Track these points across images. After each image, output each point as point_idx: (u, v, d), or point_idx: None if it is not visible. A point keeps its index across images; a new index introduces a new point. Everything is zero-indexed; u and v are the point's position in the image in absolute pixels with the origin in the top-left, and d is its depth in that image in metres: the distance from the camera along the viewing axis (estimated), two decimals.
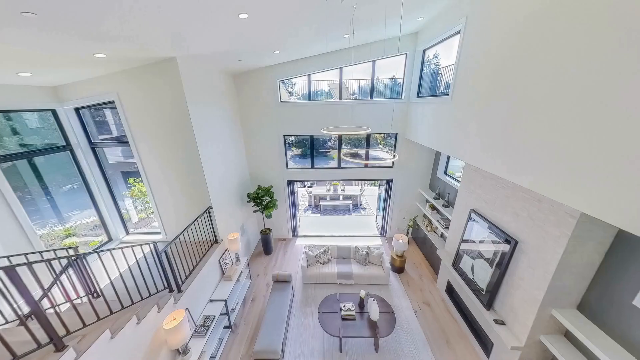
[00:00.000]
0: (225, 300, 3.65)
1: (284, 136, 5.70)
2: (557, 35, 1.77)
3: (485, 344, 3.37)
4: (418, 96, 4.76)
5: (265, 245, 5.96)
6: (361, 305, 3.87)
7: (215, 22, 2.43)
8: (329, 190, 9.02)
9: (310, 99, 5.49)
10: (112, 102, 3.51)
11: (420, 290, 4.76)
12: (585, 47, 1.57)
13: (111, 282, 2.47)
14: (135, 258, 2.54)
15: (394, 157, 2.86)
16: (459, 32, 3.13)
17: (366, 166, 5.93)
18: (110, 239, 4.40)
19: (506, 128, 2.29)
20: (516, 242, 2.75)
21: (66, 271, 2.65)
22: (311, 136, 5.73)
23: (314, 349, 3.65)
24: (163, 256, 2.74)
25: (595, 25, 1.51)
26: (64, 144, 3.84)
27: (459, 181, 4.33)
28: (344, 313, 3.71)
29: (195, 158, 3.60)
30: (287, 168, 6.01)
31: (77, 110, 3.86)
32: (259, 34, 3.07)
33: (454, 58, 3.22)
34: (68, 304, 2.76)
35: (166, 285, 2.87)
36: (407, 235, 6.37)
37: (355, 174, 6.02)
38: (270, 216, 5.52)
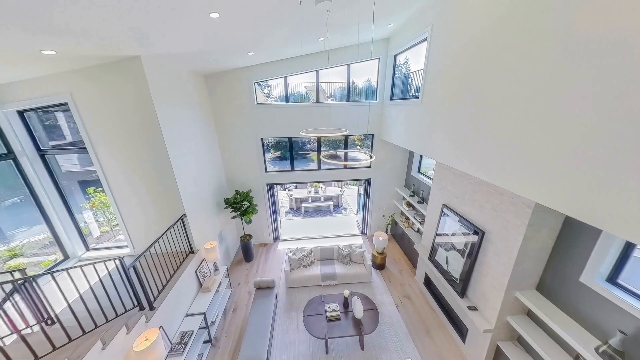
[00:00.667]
0: (204, 313, 3.45)
1: (262, 139, 5.59)
2: (509, 46, 1.98)
3: (461, 330, 3.60)
4: (391, 99, 4.98)
5: (246, 252, 5.77)
6: (345, 304, 3.92)
7: (184, 21, 2.31)
8: (310, 192, 9.02)
9: (287, 101, 5.46)
10: (65, 103, 3.16)
11: (401, 285, 4.95)
12: (532, 57, 1.78)
13: (69, 306, 2.20)
14: (98, 276, 2.30)
15: (371, 157, 2.96)
16: (426, 39, 3.34)
17: (345, 167, 6.04)
18: (66, 257, 3.92)
19: (470, 128, 2.49)
20: (483, 233, 3.00)
21: (11, 298, 2.30)
22: (290, 138, 5.70)
23: (300, 354, 3.60)
24: (131, 272, 2.52)
25: (541, 38, 1.71)
26: (5, 151, 3.35)
27: (431, 179, 4.60)
28: (329, 314, 3.71)
29: (165, 163, 3.38)
30: (266, 171, 5.90)
31: (20, 113, 3.41)
32: (231, 35, 2.99)
33: (423, 63, 3.44)
34: (15, 336, 2.40)
35: (136, 303, 2.64)
36: (386, 233, 6.59)
37: (335, 175, 6.10)
38: (249, 222, 5.36)
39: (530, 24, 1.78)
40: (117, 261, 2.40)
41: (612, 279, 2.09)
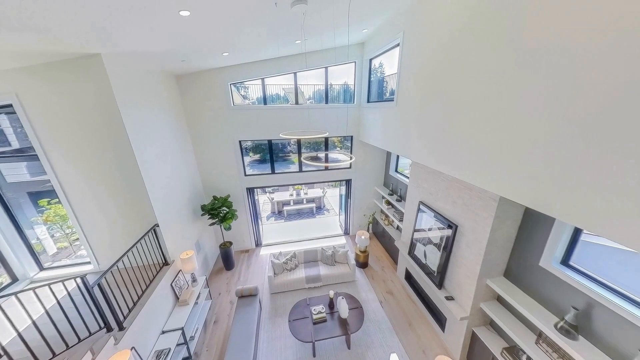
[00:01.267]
0: (182, 328, 3.24)
1: (240, 142, 5.43)
2: (471, 53, 2.15)
3: (440, 319, 3.80)
4: (368, 102, 5.14)
5: (226, 259, 5.53)
6: (331, 305, 3.93)
7: (151, 18, 2.18)
8: (291, 195, 8.93)
9: (265, 103, 5.38)
10: (10, 105, 2.79)
11: (384, 281, 5.10)
12: (491, 64, 1.95)
13: (19, 335, 1.93)
14: (56, 298, 2.05)
15: (351, 158, 3.02)
16: (398, 44, 3.51)
17: (326, 168, 6.09)
18: (14, 280, 3.44)
19: (441, 129, 2.66)
20: (456, 227, 3.20)
21: None
22: (269, 141, 5.61)
23: None
24: (96, 290, 2.29)
25: (498, 46, 1.88)
26: None
27: (408, 177, 4.82)
28: (314, 317, 3.69)
29: (132, 169, 3.13)
30: (246, 175, 5.74)
31: None
32: (204, 34, 2.88)
33: (396, 68, 3.60)
34: None
35: (103, 324, 2.40)
36: (368, 231, 6.75)
37: (317, 176, 6.12)
38: (229, 228, 5.16)
39: (488, 34, 1.95)
40: (79, 280, 2.16)
41: (565, 261, 2.35)
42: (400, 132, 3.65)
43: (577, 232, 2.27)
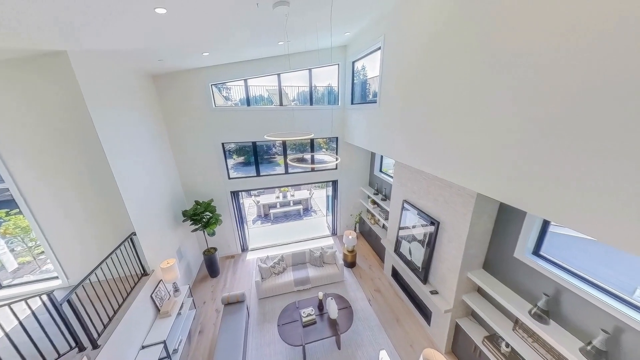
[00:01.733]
0: (164, 342, 3.07)
1: (223, 144, 5.28)
2: (447, 58, 2.26)
3: (426, 313, 3.92)
4: (352, 103, 5.22)
5: (210, 266, 5.34)
6: (320, 307, 3.92)
7: (123, 14, 2.06)
8: (278, 197, 8.83)
9: (249, 104, 5.28)
10: None
11: (371, 280, 5.18)
12: (465, 67, 2.06)
13: None
14: (17, 319, 1.86)
15: (337, 159, 3.04)
16: (379, 48, 3.61)
17: (313, 170, 6.09)
18: None
19: (422, 130, 2.76)
20: (438, 223, 3.33)
21: None
22: (254, 143, 5.51)
23: None
24: (65, 307, 2.10)
25: (470, 51, 2.00)
26: None
27: (392, 177, 4.95)
28: (304, 319, 3.66)
29: (106, 175, 2.94)
30: (229, 178, 5.59)
31: None
32: (182, 34, 2.77)
33: (378, 70, 3.69)
34: None
35: (74, 344, 2.21)
36: (355, 231, 6.84)
37: (303, 178, 6.10)
38: (213, 234, 4.99)
39: (462, 40, 2.07)
40: (45, 297, 1.98)
41: (536, 251, 2.53)
42: (384, 133, 3.74)
43: (545, 224, 2.45)
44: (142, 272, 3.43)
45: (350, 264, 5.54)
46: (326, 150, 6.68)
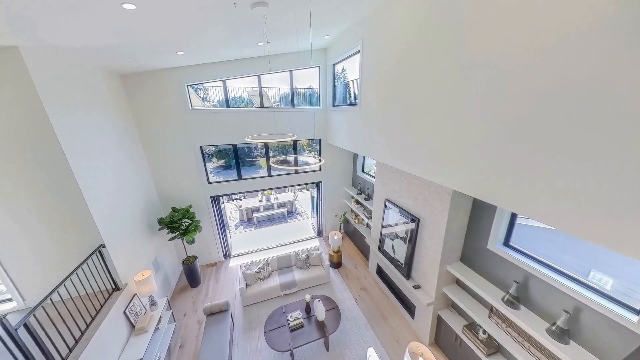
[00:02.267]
0: None
1: (201, 147, 5.07)
2: (422, 62, 2.37)
3: (410, 308, 4.06)
4: (333, 105, 5.28)
5: (191, 276, 5.08)
6: (308, 310, 3.89)
7: (87, 9, 1.91)
8: (261, 201, 8.64)
9: (228, 105, 5.13)
10: None
11: (357, 279, 5.25)
12: (439, 72, 2.18)
13: None
14: None
15: (320, 161, 3.05)
16: (358, 51, 3.69)
17: (296, 172, 6.05)
18: None
19: (400, 131, 2.87)
20: (419, 220, 3.47)
21: None
22: (234, 145, 5.35)
23: None
24: (22, 332, 1.88)
25: (443, 56, 2.12)
26: None
27: (374, 177, 5.07)
28: (291, 323, 3.61)
29: (68, 182, 2.68)
30: (209, 182, 5.37)
31: None
32: (153, 31, 2.63)
33: (358, 73, 3.78)
34: None
35: None
36: (340, 231, 6.90)
37: (287, 180, 6.04)
38: (192, 241, 4.74)
39: (434, 46, 2.19)
40: None
41: (506, 242, 2.73)
42: (365, 135, 3.83)
43: (513, 217, 2.66)
44: (114, 286, 3.17)
45: (337, 265, 5.57)
46: (309, 151, 6.68)
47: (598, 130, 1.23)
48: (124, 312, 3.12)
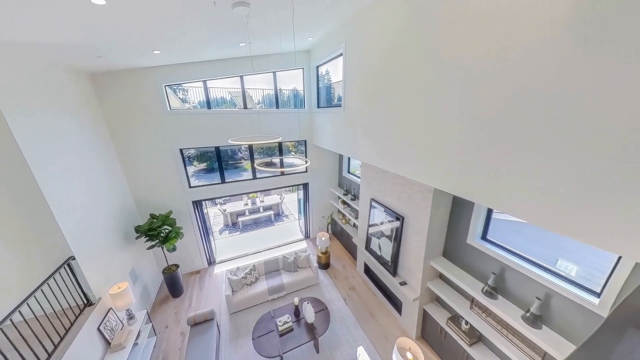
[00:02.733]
0: None
1: (181, 150, 4.86)
2: (402, 65, 2.46)
3: (397, 304, 4.15)
4: (318, 107, 5.31)
5: (172, 285, 4.83)
6: (297, 313, 3.85)
7: (50, 3, 1.76)
8: (246, 204, 8.44)
9: (209, 107, 4.98)
10: None
11: (345, 279, 5.29)
12: (418, 74, 2.27)
13: None
14: None
15: (306, 162, 3.05)
16: (341, 54, 3.75)
17: (282, 174, 5.99)
18: None
19: (383, 132, 2.94)
20: (403, 218, 3.58)
21: None
22: (217, 148, 5.19)
23: None
24: None
25: (421, 60, 2.20)
26: None
27: (359, 177, 5.15)
28: (280, 328, 3.55)
29: (30, 190, 2.45)
30: (190, 187, 5.16)
31: None
32: (126, 29, 2.49)
33: (342, 75, 3.83)
34: None
35: None
36: (327, 232, 6.92)
37: (273, 182, 5.96)
38: (173, 249, 4.52)
39: (412, 51, 2.27)
40: None
41: (484, 236, 2.89)
42: (350, 136, 3.89)
43: (489, 212, 2.82)
44: (86, 302, 2.93)
45: (325, 266, 5.58)
46: (295, 153, 6.65)
47: (558, 130, 1.35)
48: (98, 329, 2.90)
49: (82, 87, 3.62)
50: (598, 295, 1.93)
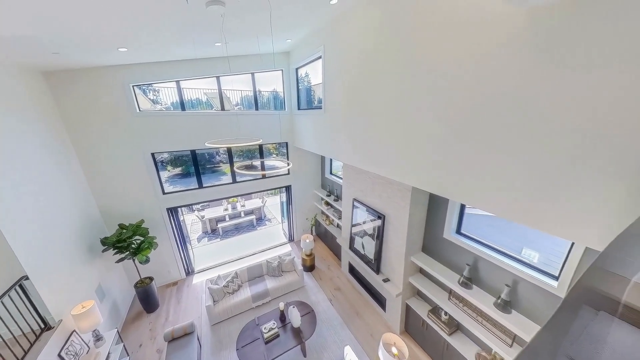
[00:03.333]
0: None
1: (153, 154, 4.56)
2: (379, 69, 2.55)
3: (381, 301, 4.26)
4: (299, 109, 5.30)
5: (146, 300, 4.49)
6: (282, 318, 3.78)
7: None
8: (226, 210, 8.14)
9: (183, 108, 4.74)
10: None
11: (331, 279, 5.30)
12: (394, 78, 2.37)
13: None
14: None
15: (288, 164, 3.02)
16: (320, 57, 3.78)
17: (264, 177, 5.87)
18: None
19: (363, 133, 3.02)
20: (384, 216, 3.69)
21: None
22: (193, 151, 4.95)
23: None
24: None
25: (398, 64, 2.30)
26: None
27: (341, 178, 5.22)
28: (266, 335, 3.46)
29: None
30: (164, 193, 4.86)
31: None
32: (86, 23, 2.29)
33: (321, 78, 3.86)
34: None
35: None
36: (312, 234, 6.90)
37: (254, 186, 5.81)
38: (146, 261, 4.19)
39: (388, 55, 2.37)
40: None
41: (458, 230, 3.07)
42: (331, 138, 3.93)
43: (462, 207, 3.01)
44: (43, 326, 2.61)
45: (310, 268, 5.55)
46: (277, 155, 6.56)
47: (516, 132, 1.48)
48: (59, 355, 2.60)
49: (34, 86, 3.25)
50: (556, 278, 2.14)
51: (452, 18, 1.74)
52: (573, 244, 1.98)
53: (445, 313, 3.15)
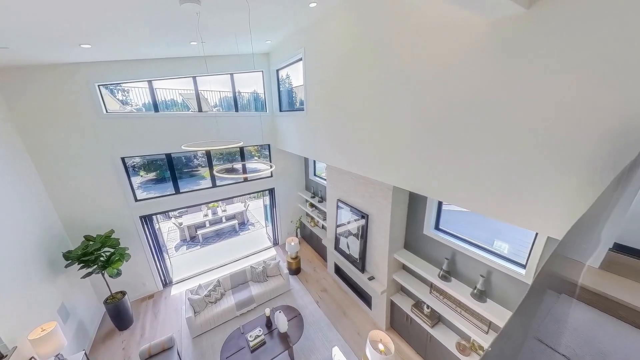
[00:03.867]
0: None
1: (123, 159, 4.25)
2: (358, 72, 2.60)
3: (367, 299, 4.33)
4: (280, 110, 5.25)
5: (118, 316, 4.14)
6: (269, 324, 3.69)
7: None
8: (206, 215, 7.81)
9: (157, 110, 4.48)
10: None
11: (317, 281, 5.29)
12: (373, 81, 2.44)
13: None
14: None
15: (271, 167, 2.97)
16: (301, 59, 3.79)
17: (246, 180, 5.72)
18: None
19: (344, 134, 3.06)
20: (368, 216, 3.76)
21: None
22: (168, 155, 4.69)
23: None
24: None
25: (376, 67, 2.37)
26: None
27: (325, 179, 5.25)
28: (252, 343, 3.36)
29: None
30: (137, 200, 4.54)
31: None
32: (41, 15, 2.08)
33: (302, 80, 3.86)
34: None
35: None
36: (297, 236, 6.84)
37: (236, 190, 5.64)
38: (117, 274, 3.87)
39: (366, 59, 2.44)
40: None
41: (437, 226, 3.22)
42: (313, 139, 3.94)
43: (440, 204, 3.17)
44: None
45: (296, 271, 5.49)
46: (259, 158, 6.43)
47: (482, 133, 1.60)
48: None
49: None
50: (524, 266, 2.33)
51: (421, 26, 1.84)
52: (537, 234, 2.17)
53: (428, 306, 3.28)
